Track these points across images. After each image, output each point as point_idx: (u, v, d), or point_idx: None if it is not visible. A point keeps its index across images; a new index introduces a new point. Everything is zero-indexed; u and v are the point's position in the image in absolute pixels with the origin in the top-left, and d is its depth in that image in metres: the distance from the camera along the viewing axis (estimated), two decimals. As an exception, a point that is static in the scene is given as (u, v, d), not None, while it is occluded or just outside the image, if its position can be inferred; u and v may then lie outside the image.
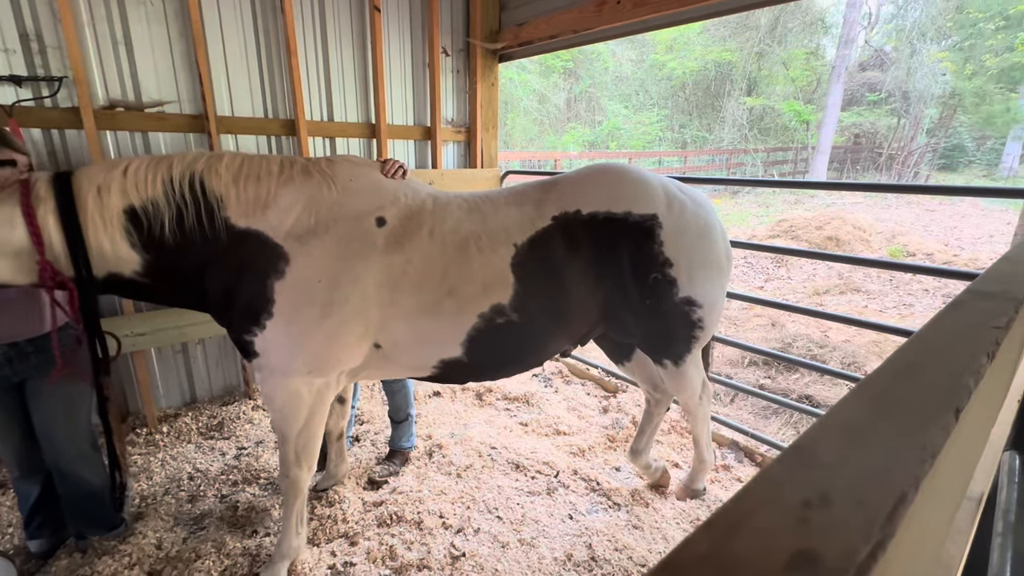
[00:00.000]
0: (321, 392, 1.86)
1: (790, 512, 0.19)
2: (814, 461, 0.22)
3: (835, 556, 0.17)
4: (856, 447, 0.23)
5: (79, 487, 2.04)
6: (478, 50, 4.03)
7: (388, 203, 1.85)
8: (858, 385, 0.31)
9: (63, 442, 1.97)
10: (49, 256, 1.56)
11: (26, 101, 2.51)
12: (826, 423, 0.26)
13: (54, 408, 1.94)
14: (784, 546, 0.17)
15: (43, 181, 1.57)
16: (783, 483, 0.20)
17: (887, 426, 0.25)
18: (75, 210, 1.56)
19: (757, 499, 0.20)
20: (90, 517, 2.12)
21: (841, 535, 0.18)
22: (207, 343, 3.32)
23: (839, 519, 0.19)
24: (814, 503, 0.20)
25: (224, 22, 3.00)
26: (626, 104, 18.90)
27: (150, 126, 2.87)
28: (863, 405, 0.28)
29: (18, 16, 2.46)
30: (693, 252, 1.92)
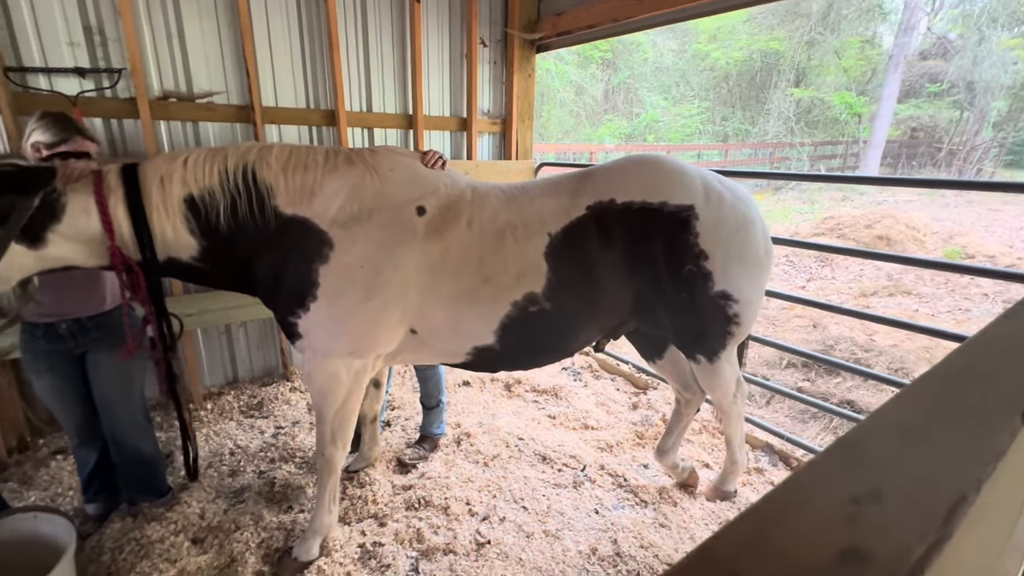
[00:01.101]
0: (359, 374, 1.92)
1: (838, 507, 0.18)
2: (863, 457, 0.21)
3: (886, 556, 0.16)
4: (910, 446, 0.22)
5: (133, 456, 2.17)
6: (516, 41, 4.00)
7: (428, 193, 1.88)
8: (909, 386, 0.30)
9: (120, 413, 2.10)
10: (118, 242, 1.65)
11: (89, 92, 2.66)
12: (876, 421, 0.25)
13: (112, 381, 2.07)
14: (832, 542, 0.17)
15: (113, 172, 1.66)
16: (831, 477, 0.20)
17: (945, 427, 0.24)
18: (141, 199, 1.65)
19: (803, 492, 0.19)
20: (142, 484, 2.26)
21: (893, 534, 0.17)
22: (249, 326, 3.46)
23: (891, 517, 0.18)
24: (863, 499, 0.19)
25: (270, 15, 3.08)
26: (665, 96, 18.42)
27: (200, 116, 3.00)
28: (916, 405, 0.26)
29: (83, 11, 2.61)
30: (730, 245, 1.87)
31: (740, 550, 0.16)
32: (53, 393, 2.05)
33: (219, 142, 3.10)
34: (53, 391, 2.05)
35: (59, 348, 1.98)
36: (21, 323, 1.95)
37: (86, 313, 1.99)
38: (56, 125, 1.85)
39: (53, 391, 2.05)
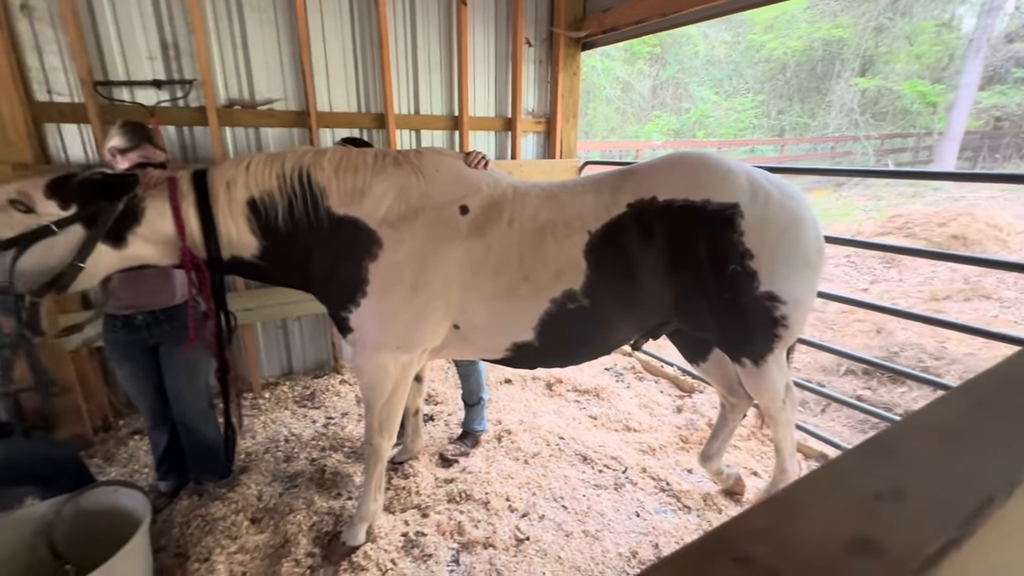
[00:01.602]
0: (405, 367, 1.99)
1: (858, 502, 0.18)
2: (892, 456, 0.21)
3: (898, 548, 0.16)
4: (945, 446, 0.22)
5: (198, 439, 2.35)
6: (561, 39, 3.99)
7: (471, 192, 1.93)
8: (959, 387, 0.28)
9: (187, 400, 2.28)
10: (189, 242, 1.79)
11: (165, 102, 2.88)
12: (914, 421, 0.24)
13: (181, 371, 2.25)
14: (844, 532, 0.17)
15: (185, 178, 1.81)
16: (854, 474, 0.20)
17: (988, 429, 0.23)
18: (210, 203, 1.79)
19: (824, 487, 0.19)
20: (206, 465, 2.44)
21: (909, 529, 0.17)
22: (303, 320, 3.65)
23: (910, 514, 0.18)
24: (885, 496, 0.19)
25: (326, 24, 3.23)
26: (717, 90, 17.77)
27: (261, 122, 3.18)
28: (963, 406, 0.25)
29: (160, 28, 2.83)
30: (778, 245, 1.80)
31: (752, 535, 0.17)
32: (129, 379, 2.26)
33: (277, 146, 3.28)
34: (129, 377, 2.25)
35: (135, 339, 2.18)
36: (105, 317, 2.16)
37: (158, 306, 2.18)
38: (130, 133, 2.05)
39: (129, 377, 2.25)
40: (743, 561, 0.16)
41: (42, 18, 2.56)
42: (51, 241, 1.61)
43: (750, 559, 0.16)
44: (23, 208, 1.58)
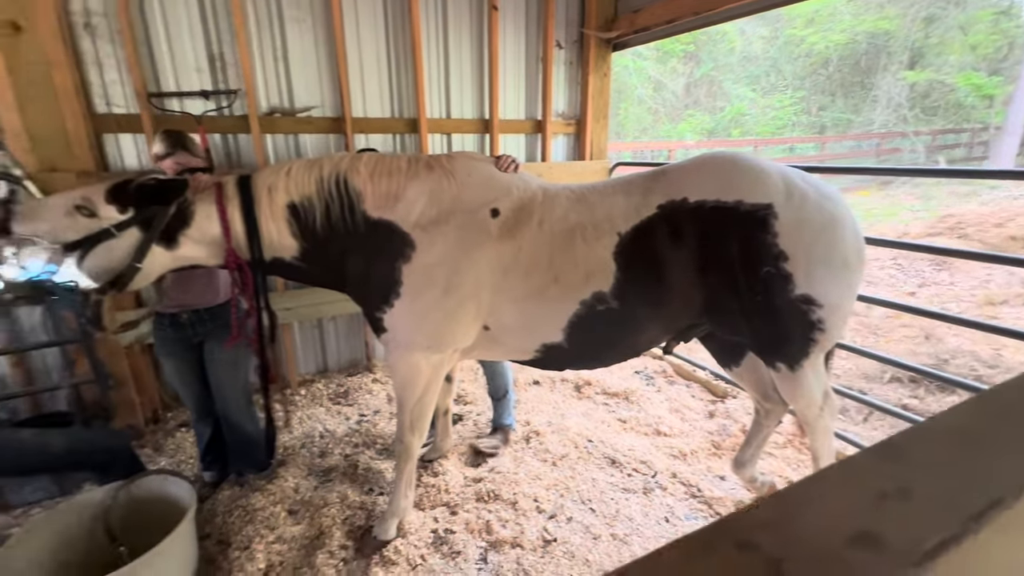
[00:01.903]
0: (437, 367, 2.03)
1: (863, 500, 0.19)
2: (904, 457, 0.22)
3: (899, 542, 0.17)
4: (959, 449, 0.22)
5: (239, 433, 2.47)
6: (592, 40, 3.98)
7: (502, 195, 1.96)
8: (983, 392, 0.28)
9: (229, 395, 2.40)
10: (234, 244, 1.89)
11: (211, 111, 3.03)
12: (929, 425, 0.25)
13: (223, 367, 2.37)
14: (847, 526, 0.18)
15: (231, 183, 1.90)
16: (864, 473, 0.20)
17: (1006, 435, 0.23)
18: (253, 207, 1.87)
19: (831, 483, 0.20)
20: (246, 458, 2.55)
21: (911, 526, 0.18)
22: (338, 320, 3.76)
23: (915, 512, 0.19)
24: (891, 495, 0.19)
25: (362, 34, 3.33)
26: (754, 87, 17.27)
27: (300, 129, 3.31)
28: (983, 412, 0.25)
29: (207, 41, 2.98)
30: (814, 246, 1.75)
31: (758, 525, 0.18)
32: (175, 374, 2.39)
33: (315, 152, 3.40)
34: (175, 372, 2.39)
35: (181, 336, 2.30)
36: (155, 315, 2.29)
37: (203, 305, 2.30)
38: (167, 140, 2.17)
39: (175, 372, 2.39)
40: (747, 547, 0.17)
41: (103, 36, 2.74)
42: (111, 243, 1.73)
43: (754, 546, 0.17)
44: (87, 213, 1.70)
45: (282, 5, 3.11)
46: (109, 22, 2.73)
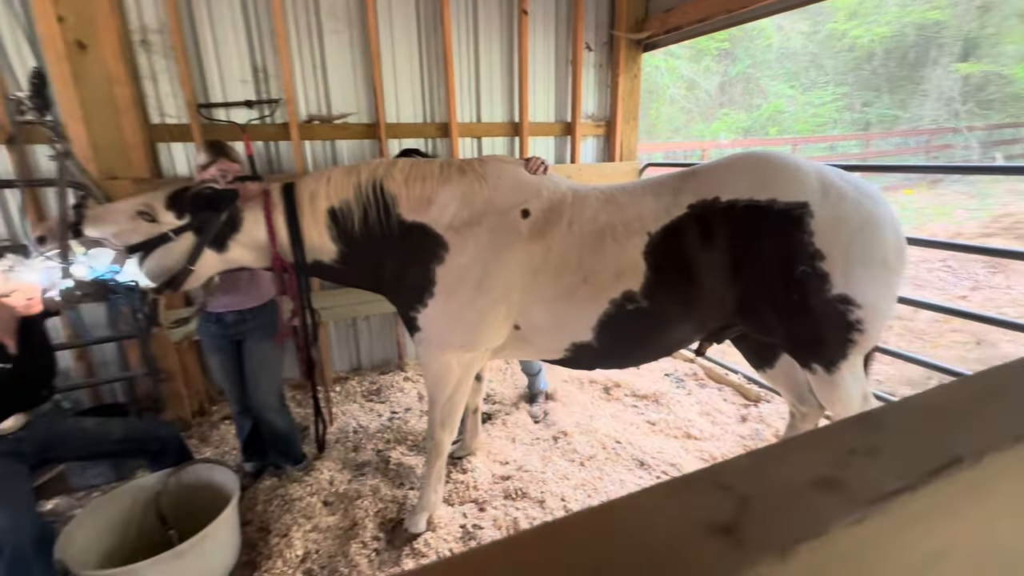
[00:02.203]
0: (468, 365, 2.09)
1: (834, 455, 0.21)
2: (877, 426, 0.23)
3: (858, 487, 0.19)
4: (932, 422, 0.24)
5: (272, 428, 2.59)
6: (622, 42, 3.98)
7: (532, 197, 2.00)
8: (970, 375, 0.29)
9: (263, 391, 2.51)
10: (279, 248, 2.00)
11: (255, 120, 3.19)
12: (909, 401, 0.26)
13: (259, 364, 2.49)
14: (814, 474, 0.20)
15: (276, 191, 2.02)
16: (832, 437, 0.22)
17: (981, 411, 0.24)
18: (297, 212, 1.97)
19: (806, 443, 0.22)
20: (281, 451, 2.68)
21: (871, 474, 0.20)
22: (372, 320, 3.87)
23: (878, 465, 0.21)
24: (859, 451, 0.21)
25: (395, 42, 3.44)
26: (792, 84, 16.72)
27: (336, 135, 3.43)
28: (965, 392, 0.27)
29: (252, 54, 3.14)
30: (852, 245, 1.71)
31: (733, 471, 0.21)
32: (219, 370, 2.53)
33: (351, 157, 3.52)
34: (219, 368, 2.53)
35: (225, 334, 2.44)
36: (202, 313, 2.44)
37: (246, 306, 2.43)
38: (209, 150, 2.31)
39: (219, 368, 2.53)
40: (723, 488, 0.20)
41: (157, 52, 2.93)
42: (169, 246, 1.86)
43: (729, 487, 0.20)
44: (148, 218, 1.84)
45: (321, 18, 3.24)
46: (163, 39, 2.92)
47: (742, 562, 0.16)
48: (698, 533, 0.17)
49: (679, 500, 0.19)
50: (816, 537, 0.17)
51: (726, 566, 0.16)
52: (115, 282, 1.81)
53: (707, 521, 0.18)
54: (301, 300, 2.12)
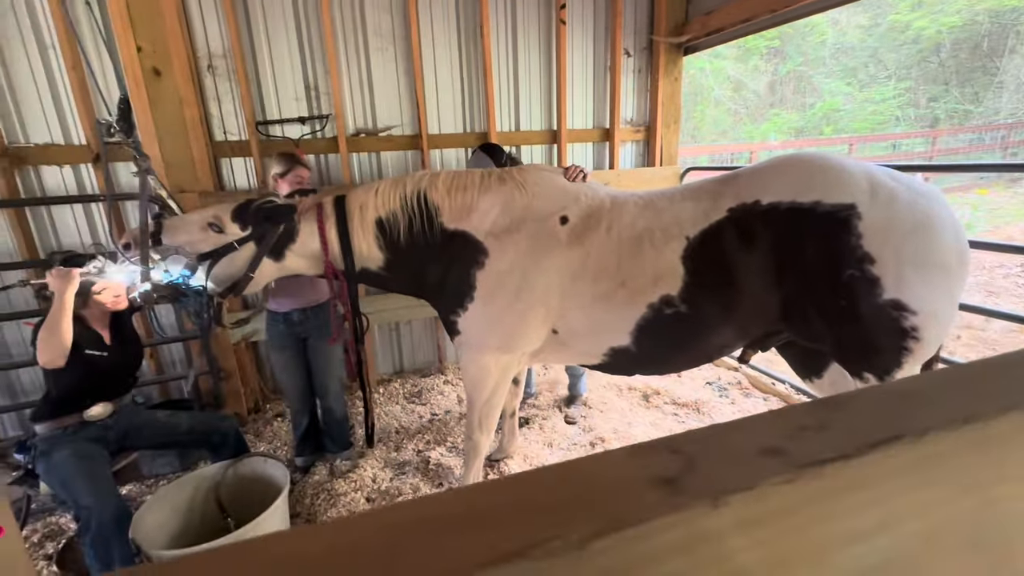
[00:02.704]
0: (506, 368, 2.14)
1: (786, 429, 0.24)
2: (835, 407, 0.25)
3: (799, 454, 0.22)
4: (891, 405, 0.25)
5: (333, 414, 2.82)
6: (661, 47, 3.95)
7: (571, 203, 2.04)
8: (945, 368, 0.30)
9: (327, 382, 2.76)
10: (331, 256, 2.13)
11: (307, 135, 3.40)
12: (875, 388, 0.28)
13: (324, 359, 2.73)
14: (762, 443, 0.23)
15: (328, 203, 2.15)
16: (790, 415, 0.25)
17: (946, 397, 0.26)
18: (347, 224, 2.10)
19: (763, 420, 0.25)
20: (335, 436, 2.87)
21: (814, 444, 0.22)
22: (413, 324, 4.00)
23: (823, 437, 0.23)
24: (810, 427, 0.24)
25: (437, 56, 3.57)
26: (849, 80, 15.90)
27: (381, 147, 3.59)
28: (936, 381, 0.28)
29: (305, 73, 3.35)
30: (905, 248, 1.63)
31: (689, 439, 0.23)
32: (284, 367, 2.73)
33: (395, 167, 3.67)
34: (284, 365, 2.73)
35: (291, 331, 2.65)
36: (268, 313, 2.67)
37: (309, 305, 2.63)
38: (284, 160, 2.56)
39: (284, 365, 2.73)
40: (675, 452, 0.22)
41: (221, 75, 3.19)
42: (233, 255, 2.03)
43: (679, 451, 0.22)
44: (217, 229, 2.02)
45: (368, 36, 3.42)
46: (227, 63, 3.17)
47: (678, 506, 0.19)
48: (644, 483, 0.20)
49: (635, 460, 0.22)
50: (747, 490, 0.20)
51: (662, 507, 0.19)
52: (187, 286, 1.99)
53: (654, 475, 0.21)
54: (351, 305, 2.25)
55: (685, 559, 0.19)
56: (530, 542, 0.17)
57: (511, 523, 0.18)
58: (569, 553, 0.18)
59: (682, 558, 0.19)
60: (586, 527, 0.18)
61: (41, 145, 2.96)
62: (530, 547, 0.17)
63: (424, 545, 0.18)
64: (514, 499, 0.20)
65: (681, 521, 0.19)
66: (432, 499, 0.21)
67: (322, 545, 0.18)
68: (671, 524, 0.19)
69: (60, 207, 3.05)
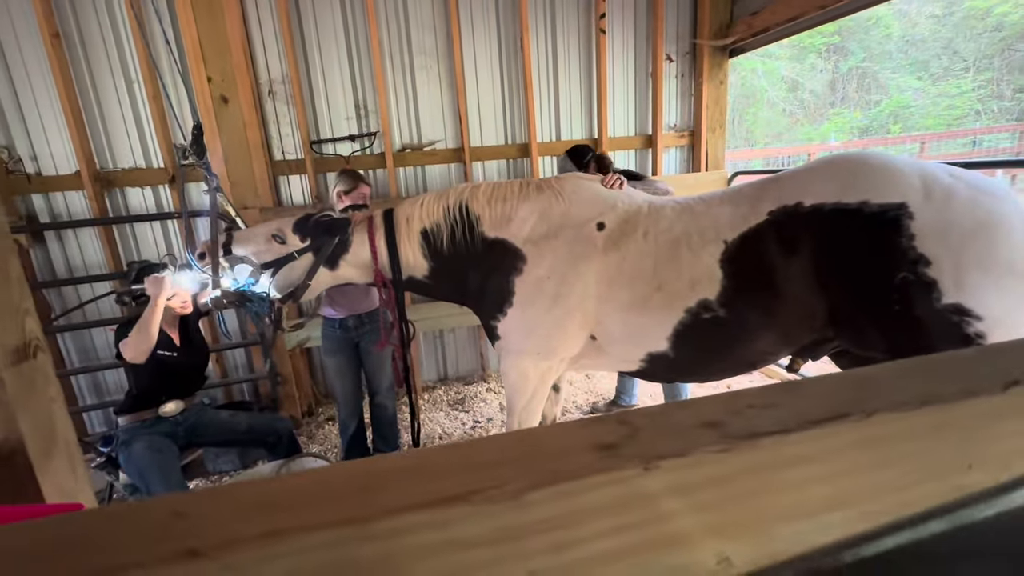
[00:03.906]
0: (544, 374, 2.16)
1: (731, 408, 0.25)
2: (792, 390, 0.26)
3: (736, 427, 0.23)
4: (847, 390, 0.26)
5: (385, 411, 2.95)
6: (705, 50, 3.88)
7: (608, 210, 2.06)
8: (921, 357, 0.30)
9: (380, 381, 2.90)
10: (380, 266, 2.24)
11: (356, 152, 3.58)
12: (835, 375, 0.28)
13: (376, 360, 2.87)
14: (706, 418, 0.24)
15: (378, 215, 2.28)
16: (741, 396, 0.26)
17: (903, 384, 0.26)
18: (395, 235, 2.21)
19: (719, 400, 0.26)
20: (386, 436, 3.00)
21: (757, 420, 0.23)
22: (456, 332, 4.09)
23: (766, 414, 0.24)
24: (758, 406, 0.25)
25: (479, 71, 3.68)
26: (920, 74, 14.84)
27: (426, 161, 3.73)
28: (904, 369, 0.28)
29: (355, 93, 3.55)
30: (966, 249, 1.52)
31: (640, 414, 0.25)
32: (337, 371, 2.88)
33: (439, 180, 3.80)
34: (337, 369, 2.88)
35: (346, 336, 2.81)
36: (324, 320, 2.84)
37: (363, 311, 2.79)
38: (349, 178, 2.72)
39: (337, 369, 2.88)
40: (623, 423, 0.24)
41: (280, 99, 3.43)
42: (293, 264, 2.18)
43: (627, 423, 0.24)
44: (280, 240, 2.18)
45: (412, 56, 3.58)
46: (285, 87, 3.41)
47: (610, 467, 0.21)
48: (585, 447, 0.22)
49: (584, 430, 0.24)
50: (679, 457, 0.22)
51: (595, 467, 0.21)
52: (252, 292, 2.16)
53: (596, 441, 0.23)
54: (398, 312, 2.35)
55: (620, 517, 0.21)
56: (470, 489, 0.20)
57: (456, 474, 0.21)
58: (505, 501, 0.20)
59: (617, 516, 0.21)
60: (523, 480, 0.21)
61: (127, 169, 3.30)
62: (471, 493, 0.20)
63: (379, 487, 0.21)
64: (463, 457, 0.22)
65: (613, 480, 0.21)
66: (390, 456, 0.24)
67: (303, 481, 0.22)
68: (603, 483, 0.21)
69: (141, 224, 3.37)
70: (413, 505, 0.19)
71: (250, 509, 0.20)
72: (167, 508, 0.20)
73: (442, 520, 0.20)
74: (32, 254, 3.24)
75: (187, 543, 0.18)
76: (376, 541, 0.19)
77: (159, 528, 0.19)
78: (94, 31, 3.12)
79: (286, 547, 0.18)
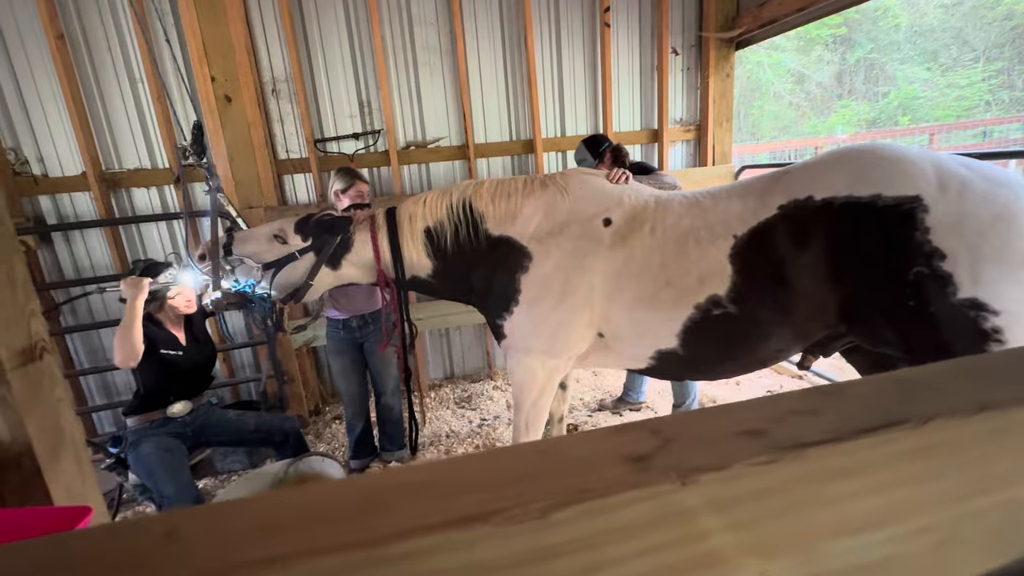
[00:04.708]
0: (552, 372, 2.14)
1: (773, 414, 0.23)
2: (831, 395, 0.24)
3: (780, 437, 0.21)
4: (889, 392, 0.24)
5: (390, 412, 2.95)
6: (711, 43, 3.83)
7: (614, 205, 2.03)
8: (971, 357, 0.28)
9: (385, 381, 2.90)
10: (383, 265, 2.23)
11: (360, 150, 3.57)
12: (881, 376, 0.26)
13: (381, 362, 2.88)
14: (743, 425, 0.22)
15: (380, 214, 2.26)
16: (781, 401, 0.24)
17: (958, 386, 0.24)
18: (398, 234, 2.19)
19: (755, 404, 0.24)
20: (392, 435, 3.00)
21: (800, 428, 0.21)
22: (463, 330, 4.08)
23: (812, 421, 0.22)
24: (801, 412, 0.23)
25: (482, 68, 3.65)
26: (929, 65, 14.64)
27: (430, 158, 3.71)
28: (952, 370, 0.26)
29: (359, 90, 3.53)
30: (982, 242, 1.49)
31: (671, 422, 0.23)
32: (342, 371, 2.88)
33: (443, 177, 3.78)
34: (342, 369, 2.87)
35: (350, 337, 2.81)
36: (329, 321, 2.83)
37: (367, 311, 2.79)
38: (345, 175, 2.68)
39: (342, 369, 2.87)
40: (654, 432, 0.22)
41: (284, 98, 3.42)
42: (295, 264, 2.17)
43: (659, 431, 0.22)
44: (281, 240, 2.17)
45: (416, 52, 3.55)
46: (289, 86, 3.40)
47: (642, 482, 0.19)
48: (614, 459, 0.21)
49: (612, 440, 0.22)
50: (717, 470, 0.20)
51: (626, 482, 0.19)
52: (253, 293, 2.15)
53: (627, 452, 0.21)
54: (401, 312, 2.34)
55: (654, 536, 0.19)
56: (491, 509, 0.18)
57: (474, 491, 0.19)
58: (530, 520, 0.18)
59: (651, 535, 0.19)
60: (548, 498, 0.19)
61: (132, 170, 3.30)
62: (491, 514, 0.18)
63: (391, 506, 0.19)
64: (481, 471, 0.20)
65: (646, 496, 0.19)
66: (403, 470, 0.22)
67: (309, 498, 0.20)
68: (636, 499, 0.19)
69: (147, 224, 3.38)
70: (428, 526, 0.18)
71: (251, 531, 0.19)
72: (160, 528, 0.19)
73: (460, 542, 0.18)
74: (40, 255, 3.25)
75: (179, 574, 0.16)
76: (389, 566, 0.18)
77: (149, 553, 0.17)
78: (98, 32, 3.12)
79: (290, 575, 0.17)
